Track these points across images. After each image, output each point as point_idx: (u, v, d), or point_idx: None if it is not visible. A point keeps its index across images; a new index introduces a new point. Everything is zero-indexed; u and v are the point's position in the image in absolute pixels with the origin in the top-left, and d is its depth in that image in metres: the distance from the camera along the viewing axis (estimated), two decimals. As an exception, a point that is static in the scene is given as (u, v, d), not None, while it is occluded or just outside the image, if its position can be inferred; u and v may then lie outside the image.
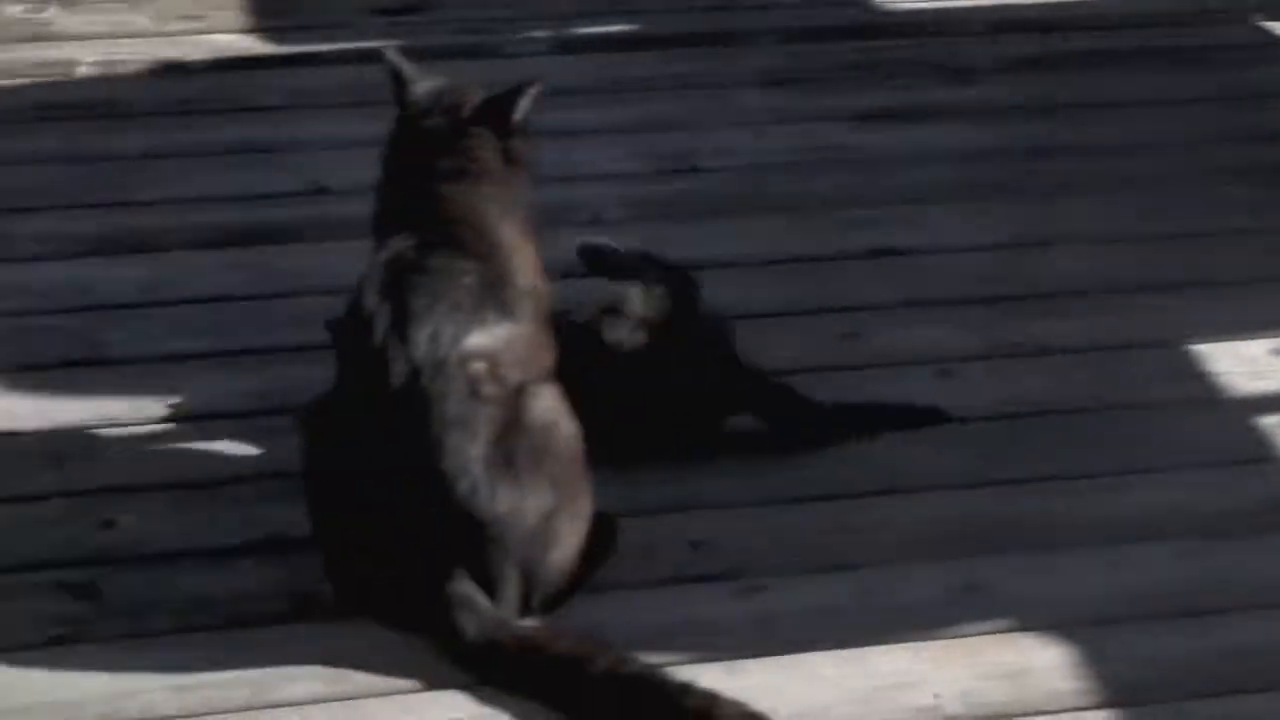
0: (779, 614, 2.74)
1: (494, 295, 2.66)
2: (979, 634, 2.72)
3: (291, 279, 3.41)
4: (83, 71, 4.03)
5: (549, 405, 2.69)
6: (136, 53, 4.10)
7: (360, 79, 4.02)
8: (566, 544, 2.69)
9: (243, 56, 4.10)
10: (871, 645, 2.68)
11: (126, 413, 3.07)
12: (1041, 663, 2.66)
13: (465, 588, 2.60)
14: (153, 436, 3.03)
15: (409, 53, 4.01)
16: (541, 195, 3.61)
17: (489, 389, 2.62)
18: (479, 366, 2.62)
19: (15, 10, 4.22)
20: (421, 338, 2.60)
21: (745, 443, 3.02)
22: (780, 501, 2.93)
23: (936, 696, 2.60)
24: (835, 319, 3.35)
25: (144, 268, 3.42)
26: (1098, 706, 2.59)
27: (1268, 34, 4.32)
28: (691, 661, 2.65)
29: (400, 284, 2.63)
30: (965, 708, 2.58)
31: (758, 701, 2.56)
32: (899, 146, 3.87)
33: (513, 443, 2.63)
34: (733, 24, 4.27)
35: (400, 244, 2.70)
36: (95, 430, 3.03)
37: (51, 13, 4.23)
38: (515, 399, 2.65)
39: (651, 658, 2.64)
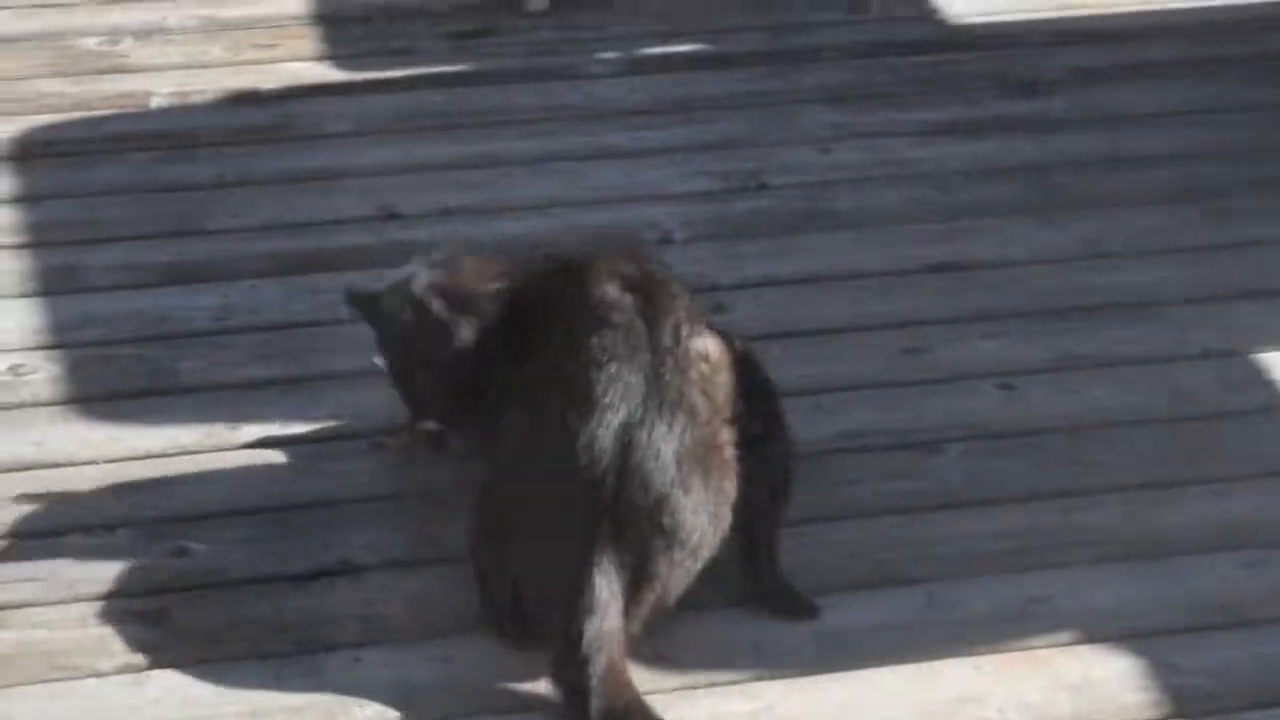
0: (841, 630, 2.76)
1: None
2: (1043, 647, 2.73)
3: (362, 304, 3.44)
4: (157, 102, 4.08)
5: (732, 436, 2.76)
6: (210, 83, 4.14)
7: (429, 104, 4.07)
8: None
9: (313, 84, 4.14)
10: (935, 660, 2.70)
11: (198, 440, 3.11)
12: (1106, 674, 2.67)
13: (617, 573, 2.62)
14: (224, 464, 3.07)
15: (482, 76, 4.13)
16: (611, 216, 3.70)
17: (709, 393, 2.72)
18: (705, 367, 2.72)
19: (91, 43, 4.28)
20: (668, 325, 2.70)
21: (803, 460, 3.04)
22: (840, 518, 2.95)
23: (1001, 710, 2.62)
24: (899, 334, 3.37)
25: (216, 296, 3.46)
26: (1163, 718, 2.60)
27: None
28: (756, 679, 2.67)
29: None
30: (1030, 720, 2.60)
31: (823, 718, 2.58)
32: (964, 160, 3.87)
33: (713, 463, 2.70)
34: (797, 41, 4.28)
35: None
36: (167, 458, 3.07)
37: (127, 45, 4.28)
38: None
39: (716, 676, 2.67)
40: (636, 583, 2.64)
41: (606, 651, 2.59)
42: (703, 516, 2.68)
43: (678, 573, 2.68)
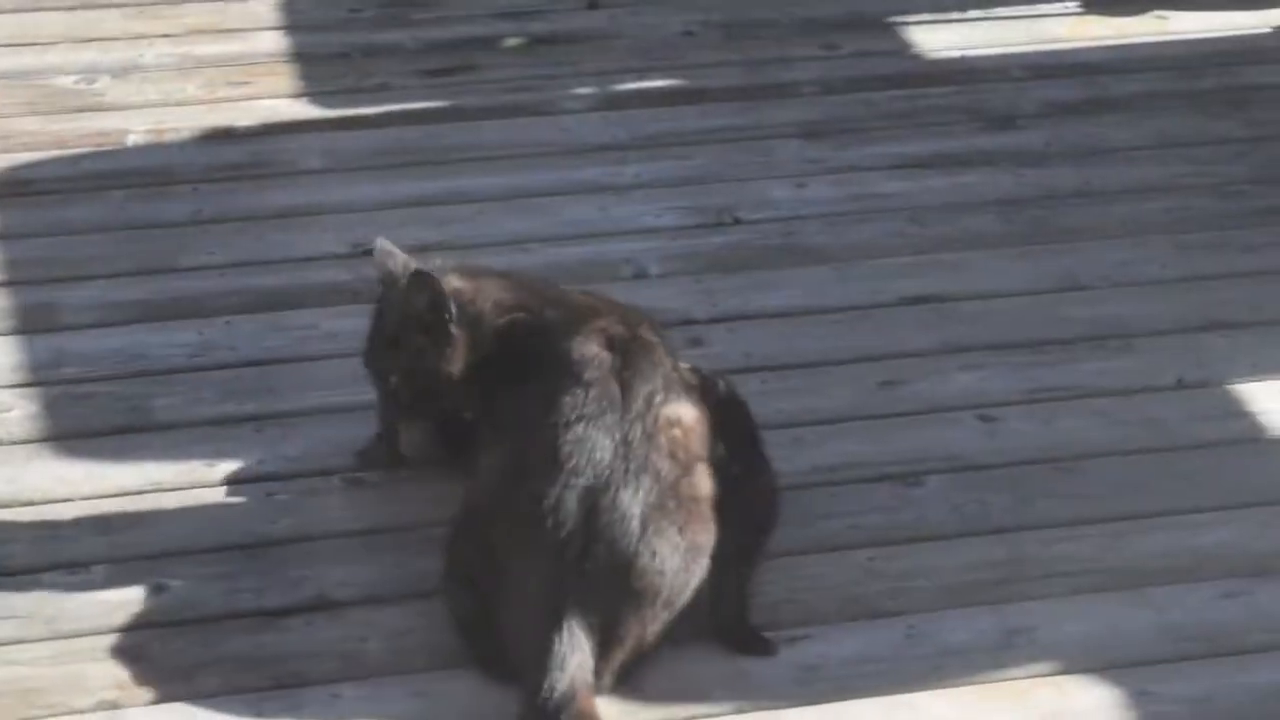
0: (821, 663, 2.75)
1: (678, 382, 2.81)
2: (1022, 678, 2.73)
3: (336, 340, 3.43)
4: (133, 140, 4.07)
5: (703, 477, 2.78)
6: (185, 120, 4.14)
7: (404, 140, 4.07)
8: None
9: (288, 121, 4.14)
10: (914, 691, 2.70)
11: (174, 477, 3.10)
12: (1086, 705, 2.68)
13: (587, 630, 2.63)
14: (200, 500, 3.06)
15: (456, 113, 4.13)
16: (586, 251, 3.69)
17: (682, 456, 2.74)
18: (678, 432, 2.74)
19: (67, 81, 4.28)
20: (641, 393, 2.72)
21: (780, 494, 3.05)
22: (818, 551, 2.95)
23: (980, 742, 2.62)
24: (876, 367, 3.37)
25: (191, 333, 3.45)
26: (1142, 749, 2.61)
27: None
28: (736, 712, 2.67)
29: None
30: (1009, 752, 2.60)
31: (802, 751, 2.59)
32: (939, 194, 3.88)
33: (688, 525, 2.72)
34: (772, 76, 4.29)
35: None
36: (144, 495, 3.06)
37: (103, 83, 4.28)
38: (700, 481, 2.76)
39: (696, 709, 2.66)
40: (606, 643, 2.65)
41: (576, 703, 2.59)
42: (673, 574, 2.69)
43: (651, 629, 2.69)
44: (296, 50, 4.41)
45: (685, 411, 2.78)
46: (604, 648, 2.65)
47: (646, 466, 2.70)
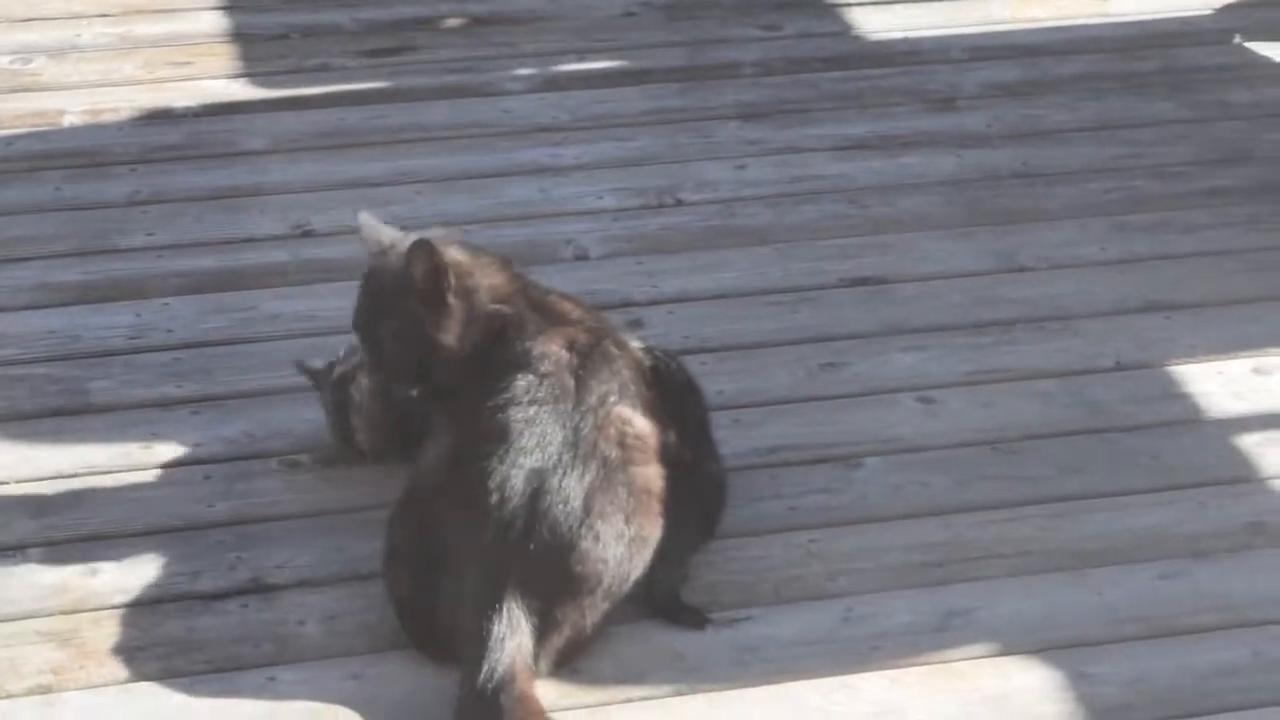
0: (760, 644, 2.75)
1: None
2: (961, 660, 2.73)
3: (276, 322, 3.42)
4: (70, 120, 4.05)
5: (655, 473, 2.77)
6: (123, 101, 4.11)
7: (344, 121, 4.05)
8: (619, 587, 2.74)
9: (228, 102, 4.11)
10: (854, 673, 2.70)
11: (110, 460, 3.08)
12: (1023, 686, 2.68)
13: (526, 613, 2.63)
14: (136, 483, 3.04)
15: (398, 94, 4.11)
16: (527, 232, 3.68)
17: (632, 444, 2.73)
18: (629, 428, 2.74)
19: (3, 62, 4.25)
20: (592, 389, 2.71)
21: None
22: (760, 532, 2.94)
23: (919, 723, 2.62)
24: (817, 348, 3.36)
25: (129, 314, 3.43)
26: (1080, 729, 2.61)
27: (1247, 54, 4.32)
28: (674, 694, 2.66)
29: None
30: (948, 734, 2.60)
31: (740, 733, 2.58)
32: (880, 176, 3.88)
33: (622, 498, 2.71)
34: (712, 58, 4.28)
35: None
36: (79, 477, 3.04)
37: (39, 63, 4.25)
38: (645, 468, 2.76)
39: (634, 691, 2.66)
40: (544, 627, 2.65)
41: (515, 685, 2.58)
42: (616, 563, 2.69)
43: (590, 616, 2.68)
44: (236, 30, 4.39)
45: (639, 421, 2.78)
46: (542, 631, 2.64)
47: (595, 453, 2.70)
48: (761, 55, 4.30)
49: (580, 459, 2.68)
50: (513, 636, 2.60)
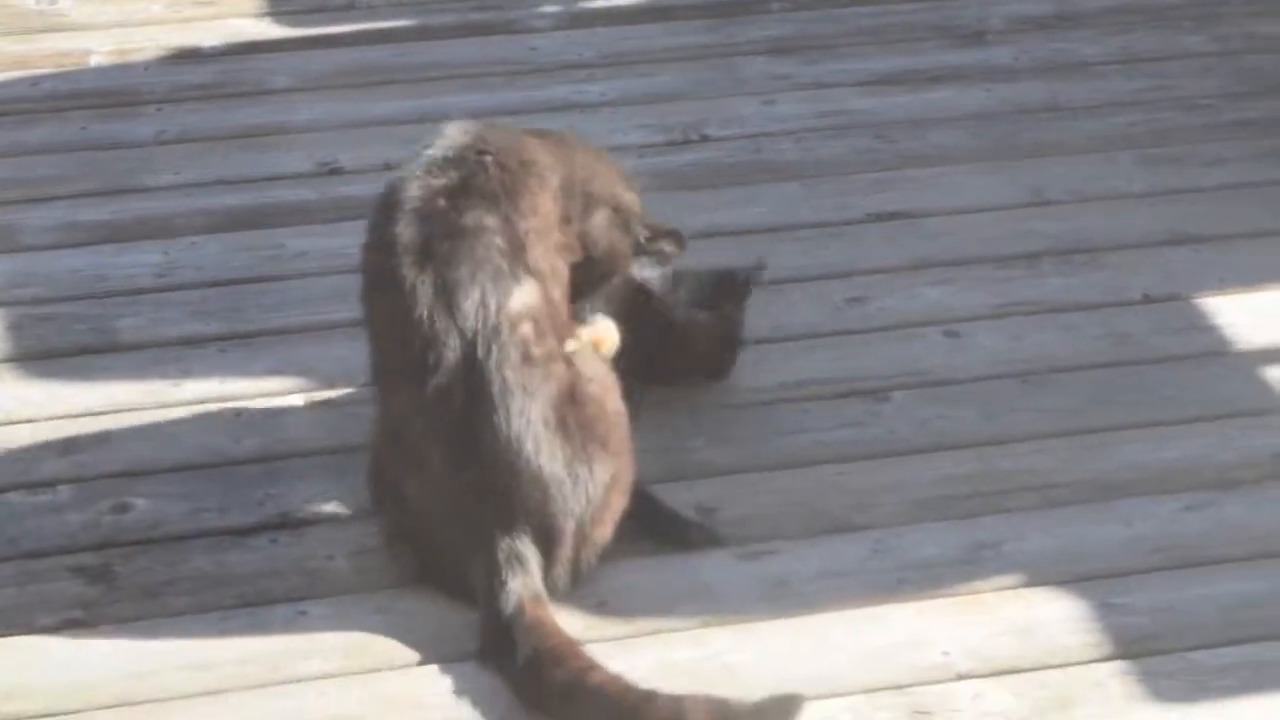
0: (788, 577, 2.75)
1: (521, 259, 2.69)
2: (988, 591, 2.73)
3: (304, 260, 3.43)
4: (96, 60, 4.05)
5: (601, 378, 2.74)
6: (149, 40, 4.11)
7: (370, 59, 4.05)
8: (614, 513, 2.73)
9: (255, 41, 4.11)
10: (880, 605, 2.70)
11: (138, 398, 3.09)
12: (1050, 617, 2.68)
13: (520, 546, 2.63)
14: (164, 420, 3.05)
15: (426, 32, 4.10)
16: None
17: (538, 350, 2.66)
18: (527, 328, 2.66)
19: (29, 2, 4.25)
20: (469, 307, 2.63)
21: (746, 410, 3.04)
22: (787, 466, 2.94)
23: (945, 654, 2.62)
24: (843, 284, 3.36)
25: (156, 253, 3.44)
26: (1106, 658, 2.61)
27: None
28: (702, 626, 2.67)
29: (434, 248, 2.66)
30: (975, 663, 2.60)
31: (769, 664, 2.59)
32: (907, 111, 3.87)
33: (570, 411, 2.68)
34: (740, -6, 4.28)
35: (431, 184, 2.72)
36: (107, 415, 3.05)
37: (66, 3, 4.25)
38: (566, 366, 2.69)
39: (661, 624, 2.66)
40: (542, 547, 2.64)
41: (524, 615, 2.59)
42: (577, 479, 2.66)
43: (585, 523, 2.68)
44: (261, -31, 4.39)
45: (524, 297, 2.68)
46: (543, 552, 2.64)
47: (509, 389, 2.63)
48: (790, -9, 4.29)
49: (500, 397, 2.63)
50: (511, 570, 2.61)
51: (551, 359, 2.68)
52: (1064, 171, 3.66)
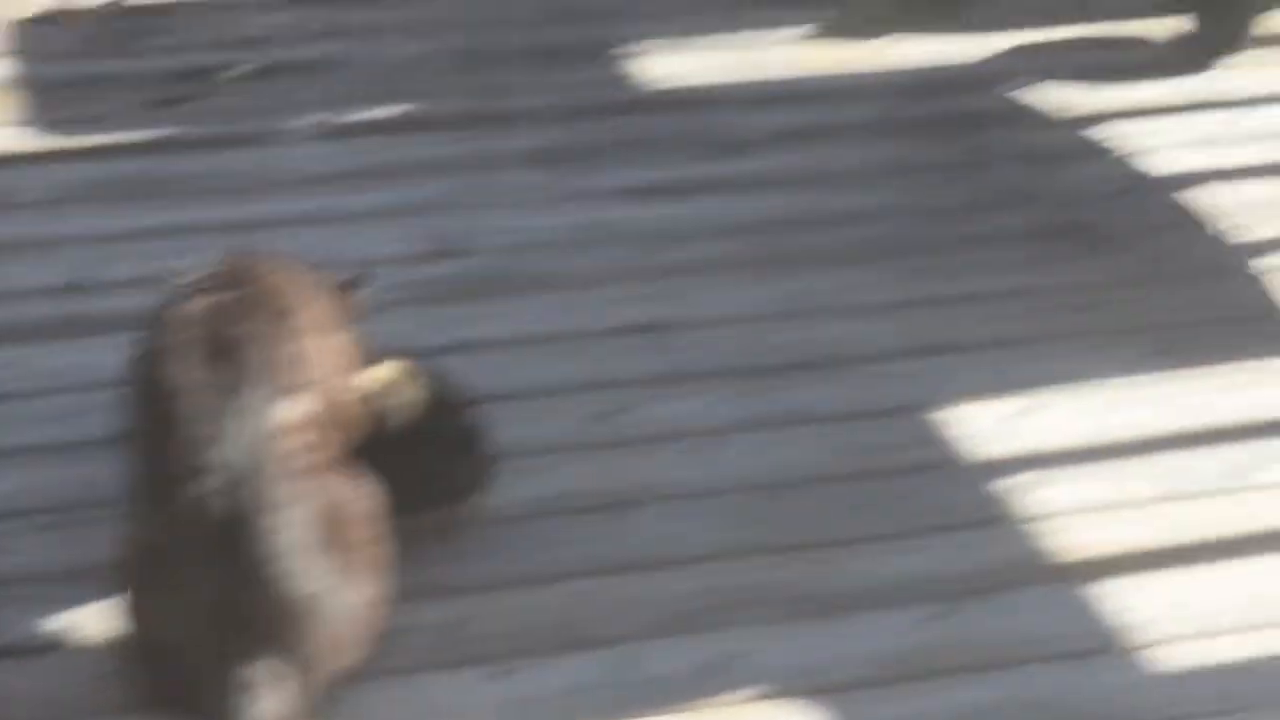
0: (531, 697, 2.74)
1: (292, 372, 2.69)
2: (733, 704, 2.74)
3: (51, 377, 3.37)
4: None
5: (364, 498, 2.73)
6: (-104, 151, 4.06)
7: (123, 171, 4.01)
8: (372, 633, 2.71)
9: (4, 153, 4.06)
10: (627, 720, 2.70)
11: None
12: (794, 732, 2.69)
13: (271, 668, 2.59)
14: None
15: (180, 143, 4.07)
16: (308, 282, 3.64)
17: (303, 465, 2.65)
18: (293, 443, 2.64)
19: None
20: (235, 421, 2.62)
21: (493, 526, 3.04)
22: (532, 582, 2.94)
23: (687, 770, 2.62)
24: (597, 395, 3.37)
25: (-102, 371, 3.38)
26: (851, 773, 2.63)
27: (1031, 97, 4.38)
28: (441, 748, 2.65)
29: (204, 361, 2.66)
30: (716, 779, 2.61)
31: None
32: (666, 221, 3.89)
33: (332, 529, 2.65)
34: (500, 105, 4.28)
35: (202, 298, 2.73)
36: None
37: None
38: (322, 479, 2.67)
39: (402, 747, 2.65)
40: (297, 664, 2.62)
41: None
42: (335, 600, 2.65)
43: (340, 647, 2.66)
44: (16, 78, 4.33)
45: (292, 409, 2.68)
46: (298, 669, 2.61)
47: (282, 503, 2.61)
48: (549, 101, 4.30)
49: (270, 511, 2.61)
50: (260, 692, 2.58)
51: (316, 475, 2.66)
52: (820, 281, 3.70)
